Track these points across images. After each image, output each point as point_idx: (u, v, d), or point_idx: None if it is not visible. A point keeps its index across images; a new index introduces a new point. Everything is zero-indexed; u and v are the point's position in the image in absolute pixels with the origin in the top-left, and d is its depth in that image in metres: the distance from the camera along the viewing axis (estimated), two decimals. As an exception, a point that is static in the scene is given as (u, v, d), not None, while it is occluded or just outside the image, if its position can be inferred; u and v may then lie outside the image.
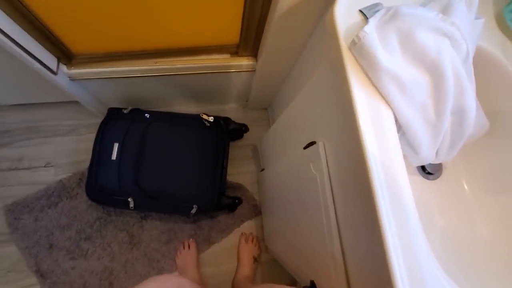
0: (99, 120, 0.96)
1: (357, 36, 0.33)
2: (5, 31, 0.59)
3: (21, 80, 0.88)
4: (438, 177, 0.49)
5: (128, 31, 0.72)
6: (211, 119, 0.98)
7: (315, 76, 0.50)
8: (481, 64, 0.38)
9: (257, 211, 1.13)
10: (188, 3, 0.65)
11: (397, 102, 0.33)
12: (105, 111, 0.98)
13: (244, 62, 0.89)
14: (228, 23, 0.74)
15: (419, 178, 0.49)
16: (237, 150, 1.17)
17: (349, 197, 0.42)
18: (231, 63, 0.88)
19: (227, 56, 0.88)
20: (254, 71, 0.93)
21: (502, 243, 0.44)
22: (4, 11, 0.58)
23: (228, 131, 1.01)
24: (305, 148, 0.57)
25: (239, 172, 1.15)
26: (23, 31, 0.64)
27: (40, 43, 0.69)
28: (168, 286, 0.50)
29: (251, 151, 1.19)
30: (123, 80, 0.88)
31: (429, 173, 0.49)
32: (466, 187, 0.48)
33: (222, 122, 0.99)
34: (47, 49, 0.72)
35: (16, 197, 1.01)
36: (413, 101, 0.33)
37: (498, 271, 0.43)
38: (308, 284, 0.60)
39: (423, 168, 0.49)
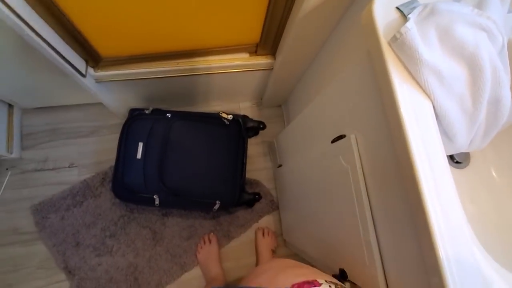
0: (119, 121, 0.98)
1: (399, 32, 0.35)
2: (42, 35, 0.61)
3: (49, 84, 0.91)
4: (466, 165, 0.51)
5: (154, 34, 0.74)
6: (230, 117, 1.00)
7: (345, 72, 0.52)
8: (512, 57, 0.40)
9: (274, 206, 1.16)
10: (213, 5, 0.67)
11: (437, 94, 0.35)
12: (126, 112, 1.00)
13: (263, 60, 0.91)
14: (250, 23, 0.76)
15: (448, 168, 0.51)
16: (252, 147, 1.19)
17: (385, 186, 0.44)
18: (250, 62, 0.90)
19: (246, 55, 0.90)
20: (271, 69, 0.95)
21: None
22: (39, 15, 0.61)
23: (245, 129, 1.03)
24: (332, 141, 0.59)
25: (255, 168, 1.18)
26: (57, 34, 0.67)
27: (71, 46, 0.72)
28: None
29: (267, 147, 1.21)
30: (145, 81, 0.90)
31: (457, 162, 0.51)
32: (494, 174, 0.50)
33: (240, 120, 1.01)
34: (77, 53, 0.74)
35: (43, 197, 1.04)
36: (451, 92, 0.35)
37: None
38: (337, 272, 0.62)
39: (451, 157, 0.51)
